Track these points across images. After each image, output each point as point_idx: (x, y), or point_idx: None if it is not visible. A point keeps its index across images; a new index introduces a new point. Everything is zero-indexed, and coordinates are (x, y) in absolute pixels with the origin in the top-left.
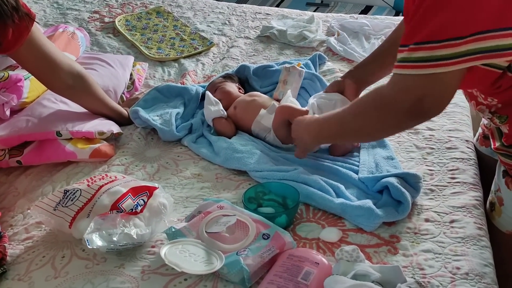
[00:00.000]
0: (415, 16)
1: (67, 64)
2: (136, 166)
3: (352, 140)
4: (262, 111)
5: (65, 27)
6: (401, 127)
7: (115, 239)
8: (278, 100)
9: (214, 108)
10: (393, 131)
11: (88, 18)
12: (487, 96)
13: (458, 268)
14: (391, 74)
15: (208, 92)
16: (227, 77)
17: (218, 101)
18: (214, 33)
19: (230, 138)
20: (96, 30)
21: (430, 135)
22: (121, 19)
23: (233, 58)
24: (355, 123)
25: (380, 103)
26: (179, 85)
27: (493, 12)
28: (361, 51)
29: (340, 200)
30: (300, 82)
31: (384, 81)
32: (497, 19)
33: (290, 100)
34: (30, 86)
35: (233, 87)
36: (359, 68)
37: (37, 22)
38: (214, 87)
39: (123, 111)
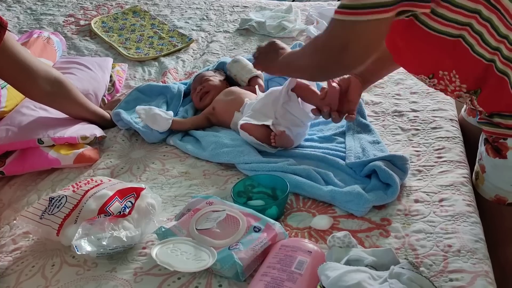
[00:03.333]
0: None
1: (43, 70)
2: (122, 168)
3: (298, 76)
4: (236, 113)
5: (40, 32)
6: (329, 71)
7: (104, 243)
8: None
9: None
10: (324, 74)
11: (63, 22)
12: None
13: (450, 246)
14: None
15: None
16: (217, 71)
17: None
18: (193, 29)
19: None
20: (72, 33)
21: (414, 116)
22: (97, 21)
23: (213, 53)
24: (299, 61)
25: (316, 46)
26: (161, 84)
27: None
28: None
29: (329, 187)
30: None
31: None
32: None
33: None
34: (8, 94)
35: (221, 81)
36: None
37: (9, 30)
38: (202, 78)
39: (105, 114)
